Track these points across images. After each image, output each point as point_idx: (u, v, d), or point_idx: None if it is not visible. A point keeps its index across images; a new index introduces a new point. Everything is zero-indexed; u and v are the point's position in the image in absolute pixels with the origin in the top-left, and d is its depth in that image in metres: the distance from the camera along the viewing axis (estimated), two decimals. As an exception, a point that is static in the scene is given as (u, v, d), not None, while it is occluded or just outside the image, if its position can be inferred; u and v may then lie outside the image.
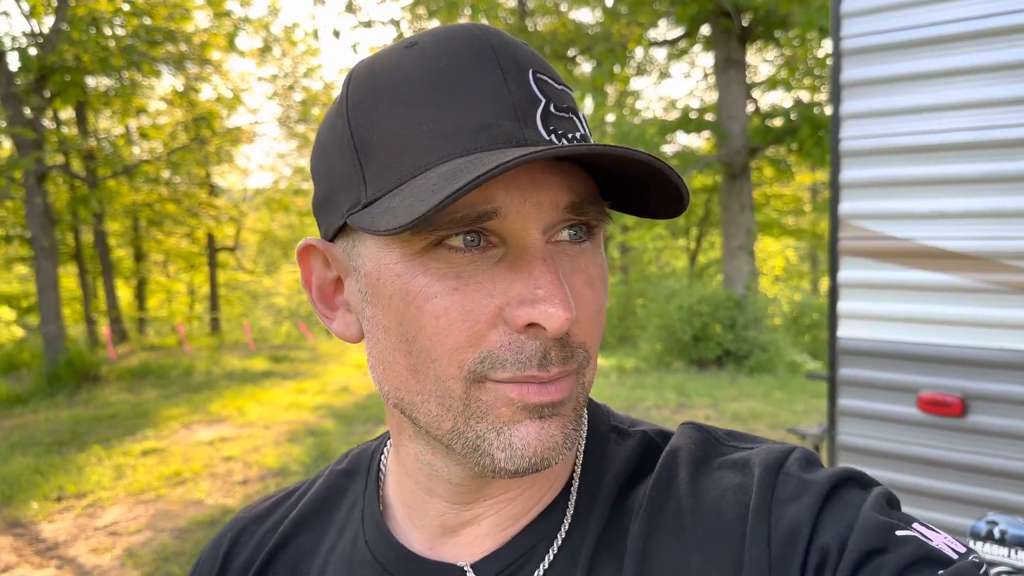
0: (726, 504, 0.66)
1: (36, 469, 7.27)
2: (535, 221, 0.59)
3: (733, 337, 12.69)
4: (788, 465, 0.67)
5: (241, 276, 29.84)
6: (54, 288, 12.15)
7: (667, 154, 15.79)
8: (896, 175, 2.92)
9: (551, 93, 0.61)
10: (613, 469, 0.73)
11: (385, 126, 0.61)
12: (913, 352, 2.91)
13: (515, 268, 0.59)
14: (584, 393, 0.65)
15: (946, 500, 2.86)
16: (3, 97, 11.43)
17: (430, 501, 0.72)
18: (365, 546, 0.76)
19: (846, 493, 0.64)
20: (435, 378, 0.62)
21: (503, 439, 0.61)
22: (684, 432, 0.75)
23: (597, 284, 0.64)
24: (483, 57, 0.60)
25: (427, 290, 0.60)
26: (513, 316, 0.59)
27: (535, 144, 0.58)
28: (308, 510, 0.83)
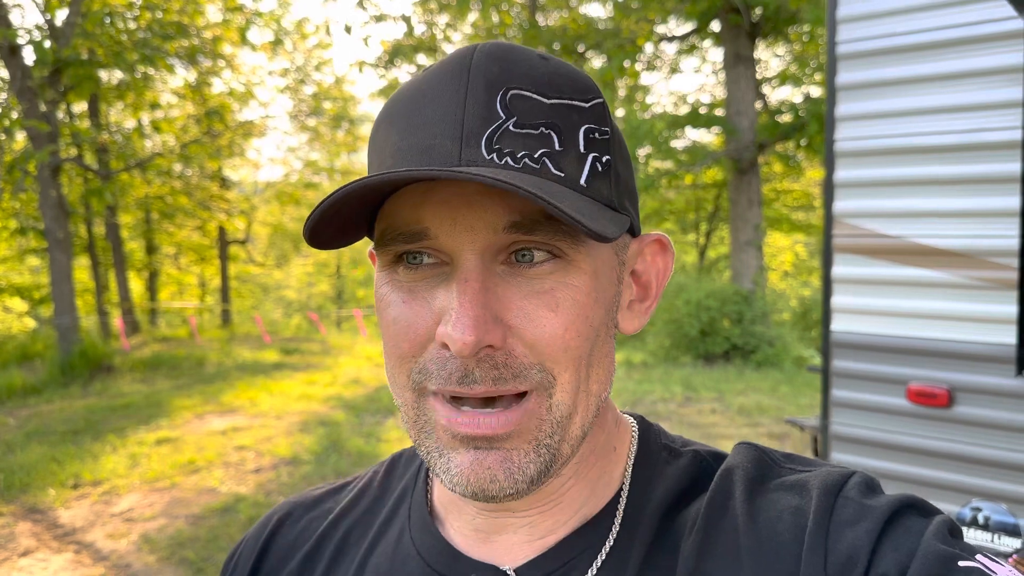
0: (782, 525, 0.64)
1: (52, 457, 7.42)
2: (469, 243, 0.60)
3: (740, 332, 12.76)
4: (847, 489, 0.65)
5: (252, 269, 30.02)
6: (68, 279, 12.31)
7: (676, 149, 15.85)
8: (888, 175, 3.02)
9: (523, 109, 0.60)
10: (663, 486, 0.72)
11: (376, 148, 0.66)
12: (903, 345, 3.02)
13: (448, 287, 0.62)
14: (551, 419, 0.63)
15: (933, 488, 2.96)
16: (18, 91, 11.57)
17: (463, 504, 0.74)
18: (410, 541, 0.77)
19: (907, 520, 0.62)
20: (396, 384, 0.66)
21: (443, 462, 0.63)
22: (740, 452, 0.74)
23: (565, 305, 0.62)
24: (455, 76, 0.62)
25: (386, 298, 0.65)
26: (436, 333, 0.62)
27: (468, 164, 0.59)
28: (357, 502, 0.85)
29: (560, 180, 0.60)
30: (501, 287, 0.61)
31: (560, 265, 0.62)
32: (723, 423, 8.57)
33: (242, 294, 29.41)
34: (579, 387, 0.64)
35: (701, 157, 14.93)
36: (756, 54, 15.08)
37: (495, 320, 0.60)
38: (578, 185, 0.61)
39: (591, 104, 0.64)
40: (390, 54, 18.35)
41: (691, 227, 25.36)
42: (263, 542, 0.85)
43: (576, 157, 0.62)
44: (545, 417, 0.62)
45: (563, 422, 0.63)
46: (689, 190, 22.16)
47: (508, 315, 0.61)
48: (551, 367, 0.62)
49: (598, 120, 0.64)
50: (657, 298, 0.77)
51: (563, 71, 0.65)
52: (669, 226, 24.80)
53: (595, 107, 0.65)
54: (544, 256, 0.62)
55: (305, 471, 6.92)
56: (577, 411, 0.64)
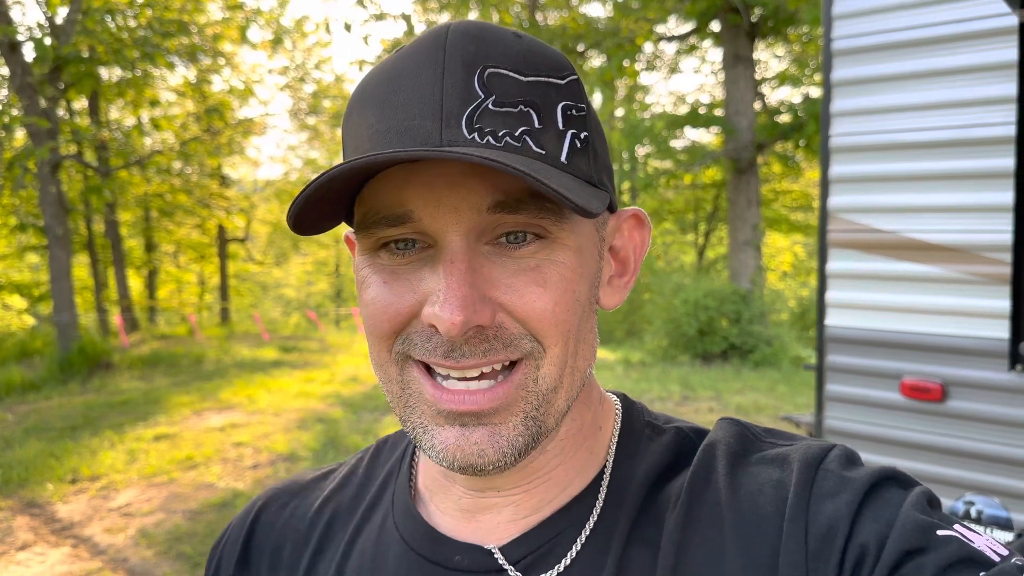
0: (764, 498, 0.66)
1: (50, 453, 7.43)
2: (454, 224, 0.60)
3: (738, 331, 12.78)
4: (828, 462, 0.66)
5: (251, 267, 30.04)
6: (67, 276, 12.32)
7: (675, 149, 15.88)
8: (883, 171, 3.03)
9: (501, 88, 0.60)
10: (647, 463, 0.73)
11: (351, 131, 0.66)
12: (896, 340, 3.03)
13: (433, 268, 0.62)
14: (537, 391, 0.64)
15: (926, 482, 2.97)
16: (19, 87, 11.58)
17: (449, 485, 0.74)
18: (393, 526, 0.77)
19: (886, 491, 0.63)
20: (379, 362, 0.67)
21: (429, 437, 0.64)
22: (722, 427, 0.75)
23: (552, 280, 0.62)
24: (431, 56, 0.61)
25: (366, 280, 0.66)
26: (422, 313, 0.62)
27: (450, 145, 0.58)
28: (342, 489, 0.85)
29: (541, 158, 0.61)
30: (487, 267, 0.62)
31: (545, 244, 0.63)
32: (720, 422, 8.56)
33: (241, 292, 29.43)
34: (566, 361, 0.65)
35: (700, 157, 14.96)
36: (755, 55, 15.10)
37: (483, 299, 0.61)
38: (559, 162, 0.62)
39: (566, 81, 0.64)
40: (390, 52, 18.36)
41: (690, 227, 25.39)
42: (248, 528, 0.85)
43: (555, 134, 0.62)
44: (531, 389, 0.63)
45: (548, 395, 0.64)
46: (688, 190, 22.19)
47: (496, 293, 0.62)
48: (542, 338, 0.63)
49: (574, 97, 0.65)
50: (635, 273, 0.77)
51: (537, 49, 0.65)
52: (668, 226, 24.83)
53: (570, 84, 0.65)
54: (530, 237, 0.63)
55: (302, 467, 6.93)
56: (563, 384, 0.65)
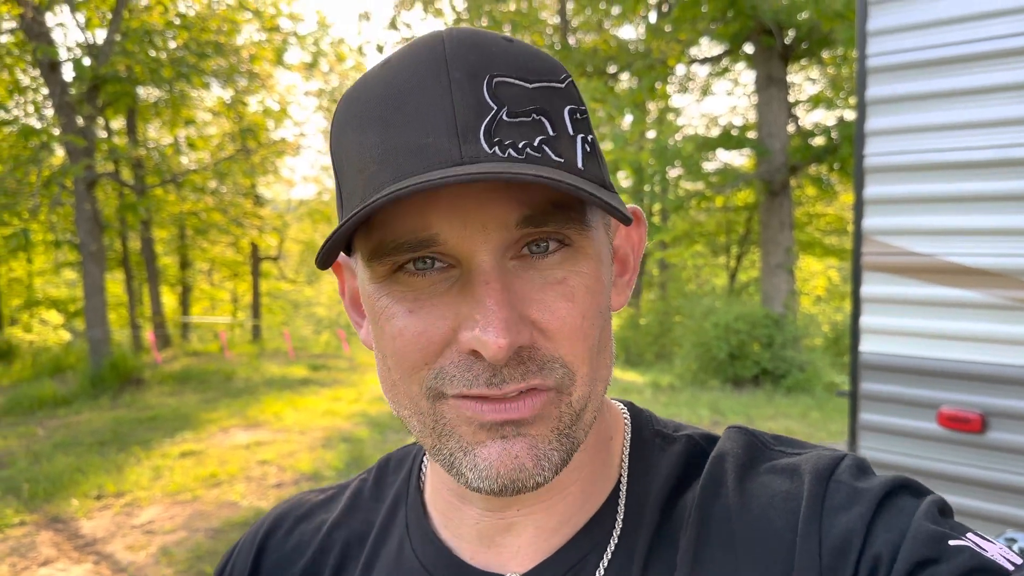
0: (775, 512, 0.65)
1: (78, 468, 7.46)
2: (482, 243, 0.58)
3: (770, 356, 12.57)
4: (839, 472, 0.65)
5: (283, 285, 30.27)
6: (100, 292, 12.46)
7: (707, 171, 15.77)
8: (919, 192, 2.93)
9: (510, 97, 0.58)
10: (660, 476, 0.72)
11: (349, 152, 0.62)
12: (934, 368, 2.92)
13: (464, 291, 0.59)
14: (571, 411, 0.62)
15: (965, 517, 2.85)
16: (57, 106, 11.79)
17: (464, 508, 0.72)
18: (412, 553, 0.75)
19: (899, 501, 0.62)
20: (407, 396, 0.64)
21: (470, 459, 0.61)
22: (730, 436, 0.75)
23: (579, 294, 0.61)
24: (433, 68, 0.58)
25: (387, 311, 0.62)
26: (459, 339, 0.59)
27: (472, 161, 0.55)
28: (350, 513, 0.83)
29: (562, 167, 0.58)
30: (518, 283, 0.60)
31: (569, 253, 0.61)
32: (751, 448, 8.41)
33: (273, 310, 29.65)
34: (594, 377, 0.64)
35: (732, 179, 14.83)
36: (789, 77, 14.99)
37: (521, 319, 0.59)
38: (577, 169, 0.59)
39: (566, 84, 0.62)
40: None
41: (722, 250, 25.18)
42: (256, 553, 0.83)
43: (568, 141, 0.60)
44: (565, 410, 0.62)
45: (580, 412, 0.63)
46: (720, 212, 22.03)
47: (530, 310, 0.60)
48: (570, 361, 0.61)
49: (575, 100, 0.63)
50: (636, 271, 0.76)
51: (531, 52, 0.63)
52: (699, 248, 24.65)
53: (569, 87, 0.63)
54: (554, 246, 0.61)
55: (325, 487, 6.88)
56: (591, 399, 0.64)
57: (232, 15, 15.99)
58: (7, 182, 12.39)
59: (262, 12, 18.17)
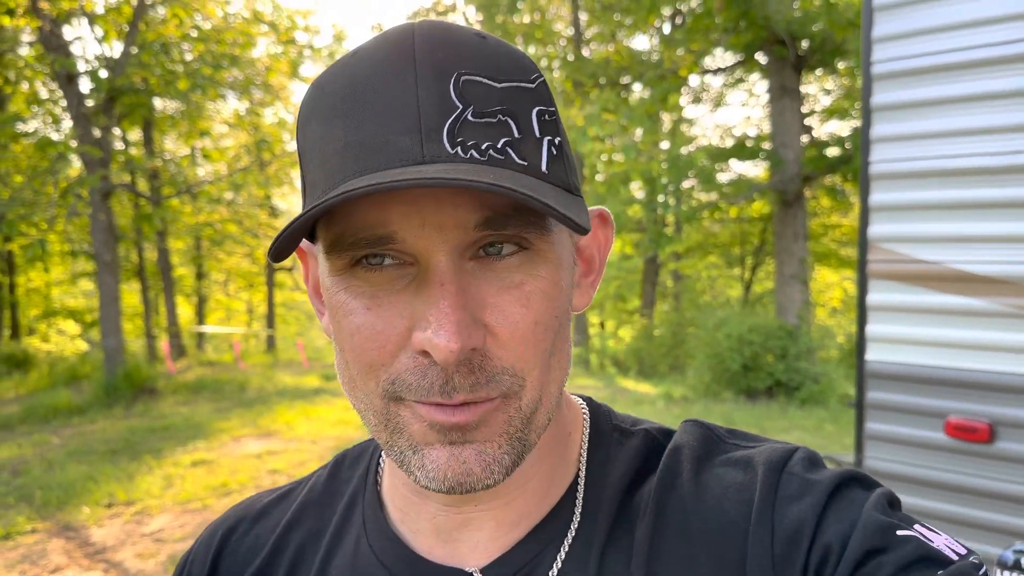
0: (729, 502, 0.66)
1: (89, 476, 7.49)
2: (440, 243, 0.58)
3: (784, 368, 12.48)
4: (791, 464, 0.67)
5: (297, 296, 30.38)
6: (115, 302, 12.54)
7: (721, 182, 15.73)
8: (926, 198, 2.91)
9: (477, 96, 0.58)
10: (617, 470, 0.73)
11: (312, 144, 0.61)
12: (941, 377, 2.88)
13: (420, 290, 0.59)
14: (520, 415, 0.62)
15: (973, 528, 2.81)
16: (74, 117, 11.91)
17: (421, 504, 0.72)
18: (369, 549, 0.74)
19: (849, 492, 0.64)
20: (363, 392, 0.63)
21: (418, 459, 0.61)
22: (686, 429, 0.76)
23: (535, 299, 0.61)
24: (400, 64, 0.58)
25: (345, 306, 0.61)
26: (412, 340, 0.59)
27: (433, 161, 0.55)
28: (305, 511, 0.82)
29: (525, 170, 0.58)
30: (474, 285, 0.59)
31: (527, 257, 0.61)
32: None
33: (287, 320, 29.77)
34: (544, 380, 0.63)
35: (745, 189, 14.78)
36: (802, 87, 14.95)
37: (474, 321, 0.58)
38: (540, 172, 0.59)
39: (536, 84, 0.62)
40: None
41: (736, 261, 25.08)
42: (213, 556, 0.82)
43: (534, 143, 0.59)
44: (514, 415, 0.62)
45: (531, 416, 0.63)
46: (734, 223, 21.96)
47: (484, 313, 0.59)
48: (520, 368, 0.61)
49: (545, 100, 0.62)
50: (601, 272, 0.75)
51: (504, 50, 0.62)
52: (713, 259, 24.57)
53: (539, 86, 0.62)
54: (512, 248, 0.60)
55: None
56: (543, 403, 0.64)
57: (248, 28, 16.14)
58: (25, 193, 12.52)
59: (277, 25, 18.34)
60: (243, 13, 17.29)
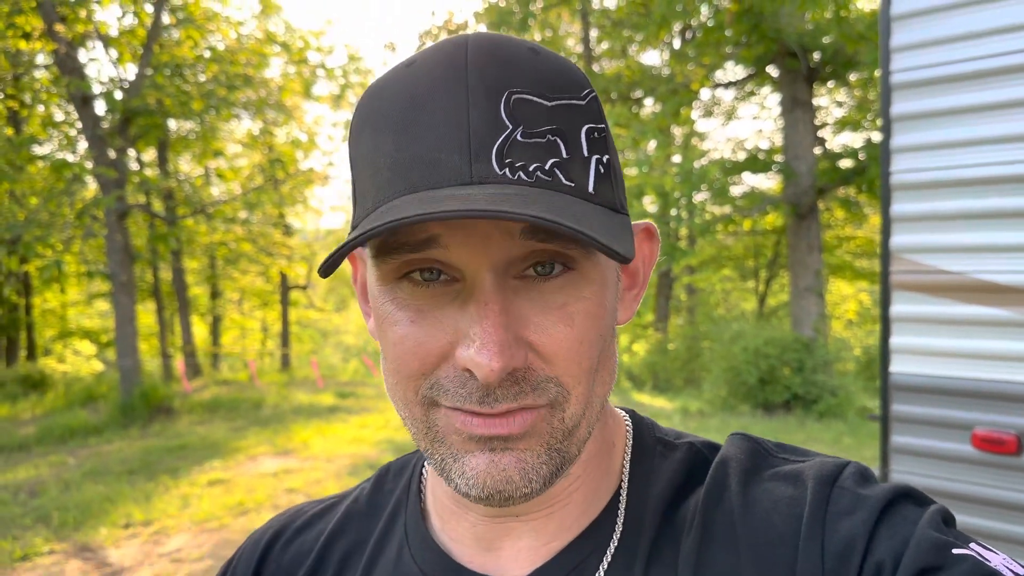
0: (778, 516, 0.65)
1: (106, 497, 7.49)
2: (484, 255, 0.58)
3: (801, 381, 12.39)
4: (843, 479, 0.66)
5: (312, 314, 30.47)
6: (131, 322, 12.59)
7: (734, 195, 15.69)
8: (948, 208, 2.88)
9: (527, 116, 0.58)
10: (661, 482, 0.72)
11: (364, 153, 0.62)
12: (967, 388, 2.84)
13: (465, 307, 0.59)
14: (563, 427, 0.62)
15: (1002, 542, 2.76)
16: (90, 139, 12.01)
17: (462, 513, 0.72)
18: (411, 558, 0.75)
19: (902, 508, 0.63)
20: (403, 401, 0.64)
21: (458, 466, 0.62)
22: (733, 443, 0.75)
23: (579, 319, 0.61)
24: (454, 79, 0.58)
25: (391, 317, 0.62)
26: (455, 355, 0.59)
27: (481, 182, 0.56)
28: (349, 522, 0.82)
29: (571, 191, 0.59)
30: (517, 304, 0.60)
31: (572, 278, 0.61)
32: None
33: (302, 339, 29.83)
34: (589, 395, 0.64)
35: (759, 202, 14.74)
36: (815, 99, 14.92)
37: (517, 341, 0.59)
38: (587, 193, 0.60)
39: (587, 100, 0.62)
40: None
41: (750, 274, 24.99)
42: (257, 561, 0.83)
43: (582, 162, 0.60)
44: (557, 426, 0.62)
45: (573, 429, 0.63)
46: (748, 236, 21.89)
47: (527, 332, 0.60)
48: (566, 381, 0.61)
49: (595, 117, 0.62)
50: (644, 286, 0.76)
51: (556, 66, 0.62)
52: (727, 272, 24.48)
53: (591, 103, 0.62)
54: (559, 269, 0.61)
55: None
56: (585, 416, 0.64)
57: (261, 48, 16.28)
58: (41, 214, 12.63)
59: (290, 45, 18.49)
60: (256, 34, 17.45)
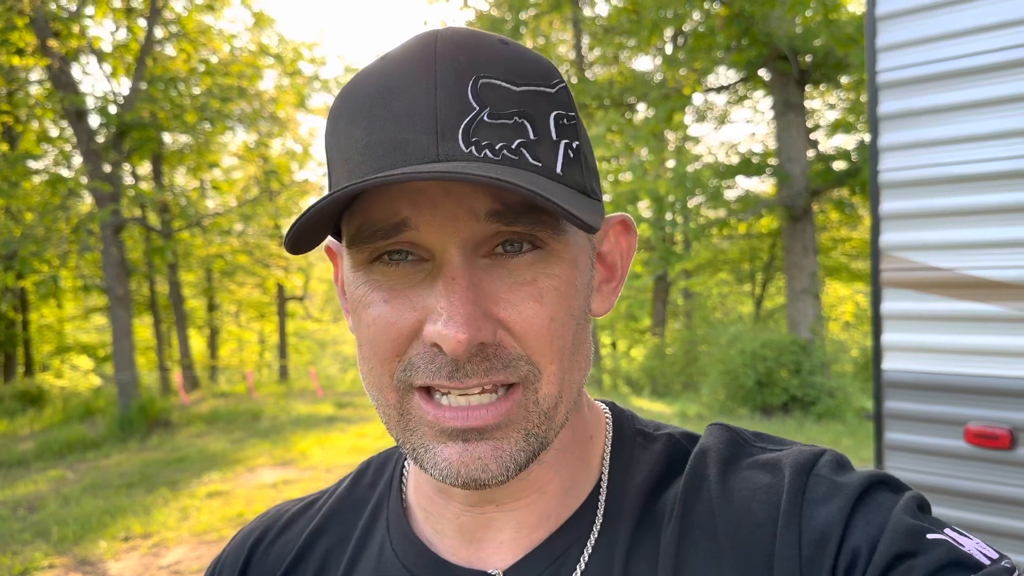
0: (756, 505, 0.66)
1: (106, 510, 7.48)
2: (451, 233, 0.59)
3: (799, 383, 12.40)
4: (819, 467, 0.67)
5: (309, 325, 30.43)
6: (128, 336, 12.58)
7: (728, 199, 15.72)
8: (936, 205, 2.90)
9: (494, 99, 0.59)
10: (641, 473, 0.73)
11: (338, 143, 0.63)
12: (959, 384, 2.86)
13: (433, 284, 0.60)
14: (538, 410, 0.63)
15: (996, 536, 2.77)
16: (84, 153, 12.02)
17: (445, 503, 0.73)
18: (393, 554, 0.75)
19: (878, 495, 0.64)
20: (378, 387, 0.65)
21: (430, 455, 0.63)
22: (712, 433, 0.76)
23: (548, 295, 0.62)
24: (422, 67, 0.60)
25: (365, 299, 0.64)
26: (424, 332, 0.61)
27: (448, 159, 0.57)
28: (330, 518, 0.82)
29: (538, 170, 0.60)
30: (486, 281, 0.61)
31: (541, 256, 0.62)
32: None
33: (300, 350, 29.79)
34: (563, 377, 0.64)
35: (753, 205, 14.77)
36: (807, 102, 14.97)
37: (485, 316, 0.60)
38: (555, 174, 0.61)
39: (556, 89, 0.63)
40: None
41: (746, 277, 25.02)
42: (243, 564, 0.83)
43: (550, 145, 0.61)
44: (532, 409, 0.63)
45: (550, 412, 0.64)
46: (743, 240, 21.93)
47: (496, 308, 0.61)
48: (537, 360, 0.62)
49: (564, 105, 0.63)
50: (623, 279, 0.76)
51: (525, 56, 0.63)
52: (724, 276, 24.50)
53: (560, 92, 0.64)
54: (527, 247, 0.62)
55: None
56: (562, 399, 0.65)
57: (254, 60, 16.30)
58: (36, 230, 12.62)
59: (283, 57, 18.52)
60: (249, 46, 17.47)
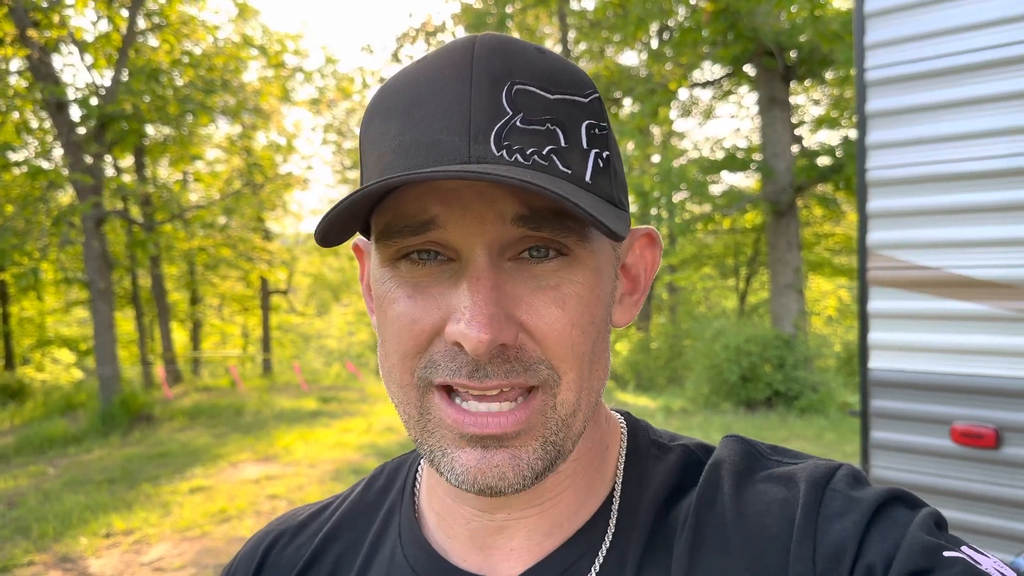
0: (771, 518, 0.65)
1: (87, 506, 7.41)
2: (478, 235, 0.60)
3: (783, 377, 12.46)
4: (835, 481, 0.66)
5: (293, 318, 30.29)
6: (110, 330, 12.46)
7: (713, 194, 15.76)
8: (924, 204, 2.90)
9: (528, 105, 0.60)
10: (654, 484, 0.73)
11: (372, 140, 0.64)
12: (945, 383, 2.86)
13: (458, 284, 0.61)
14: (556, 417, 0.63)
15: (982, 535, 2.78)
16: (65, 145, 11.87)
17: (458, 508, 0.73)
18: (404, 559, 0.75)
19: (894, 511, 0.63)
20: (399, 384, 0.66)
21: (447, 460, 0.63)
22: (727, 445, 0.75)
23: (571, 302, 0.62)
24: (459, 70, 0.61)
25: (390, 295, 0.64)
26: (446, 330, 0.61)
27: (479, 161, 0.58)
28: (343, 522, 0.83)
29: (567, 177, 0.60)
30: (510, 284, 0.62)
31: (565, 262, 0.63)
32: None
33: (283, 344, 29.65)
34: (582, 384, 0.64)
35: (738, 200, 14.82)
36: (792, 98, 15.02)
37: (508, 318, 0.60)
38: (584, 182, 0.61)
39: (589, 99, 0.64)
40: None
41: (730, 272, 25.11)
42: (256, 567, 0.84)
43: (580, 153, 0.62)
44: (551, 415, 0.63)
45: (568, 419, 0.64)
46: (728, 235, 22.00)
47: (519, 311, 0.61)
48: (557, 365, 0.63)
49: (597, 116, 0.64)
50: (646, 291, 0.77)
51: (561, 65, 0.64)
52: (708, 271, 24.58)
53: (593, 102, 0.64)
54: (553, 254, 0.63)
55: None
56: (580, 407, 0.65)
57: (238, 52, 16.17)
58: (16, 222, 12.48)
59: (267, 49, 18.38)
60: (233, 38, 17.33)
